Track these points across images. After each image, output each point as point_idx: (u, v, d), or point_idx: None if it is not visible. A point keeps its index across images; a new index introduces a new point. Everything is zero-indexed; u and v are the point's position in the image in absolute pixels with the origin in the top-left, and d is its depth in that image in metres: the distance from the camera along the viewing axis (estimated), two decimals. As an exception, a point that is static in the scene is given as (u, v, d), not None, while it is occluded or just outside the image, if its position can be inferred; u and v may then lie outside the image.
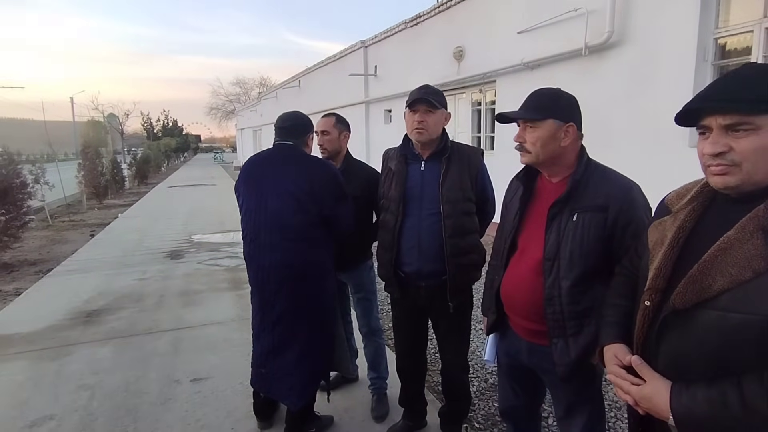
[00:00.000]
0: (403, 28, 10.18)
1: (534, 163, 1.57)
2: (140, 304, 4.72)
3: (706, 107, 0.97)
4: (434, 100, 2.05)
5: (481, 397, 2.98)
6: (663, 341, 1.02)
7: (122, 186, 17.06)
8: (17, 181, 7.13)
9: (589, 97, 5.62)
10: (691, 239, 1.06)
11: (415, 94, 2.07)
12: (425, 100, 2.04)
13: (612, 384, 1.15)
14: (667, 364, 1.01)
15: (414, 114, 2.07)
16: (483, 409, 2.86)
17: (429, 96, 2.05)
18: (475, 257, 2.16)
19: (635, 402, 1.05)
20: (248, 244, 2.31)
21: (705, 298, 0.94)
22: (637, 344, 1.10)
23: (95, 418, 2.73)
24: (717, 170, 0.96)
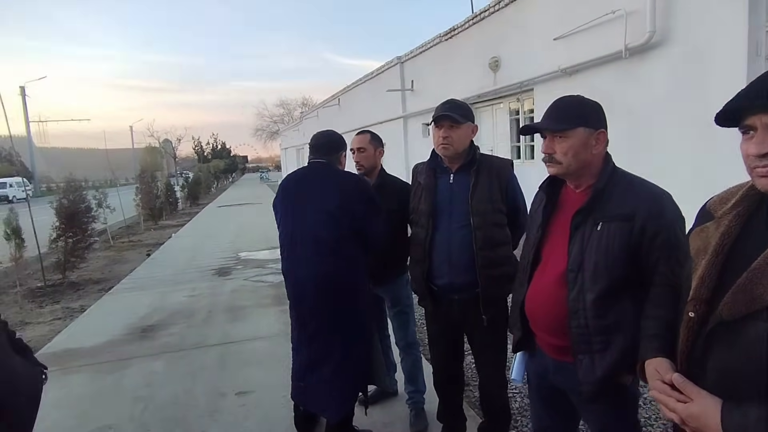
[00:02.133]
0: (437, 42, 10.25)
1: (563, 174, 1.53)
2: (190, 320, 4.95)
3: (749, 106, 0.92)
4: (457, 115, 2.07)
5: (524, 413, 2.90)
6: (710, 355, 0.97)
7: (176, 207, 18.00)
8: (83, 206, 7.71)
9: (629, 100, 5.43)
10: (736, 246, 1.00)
11: (439, 110, 2.10)
12: (448, 116, 2.06)
13: (654, 401, 1.09)
14: (716, 380, 0.96)
15: (439, 129, 2.10)
16: (526, 426, 2.78)
17: (452, 111, 2.08)
18: (507, 269, 2.13)
19: (682, 420, 0.99)
20: (285, 260, 2.40)
21: (755, 308, 0.88)
22: (682, 358, 1.05)
23: (148, 428, 2.88)
24: (764, 171, 0.90)
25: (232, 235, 10.86)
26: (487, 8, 8.34)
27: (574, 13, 6.22)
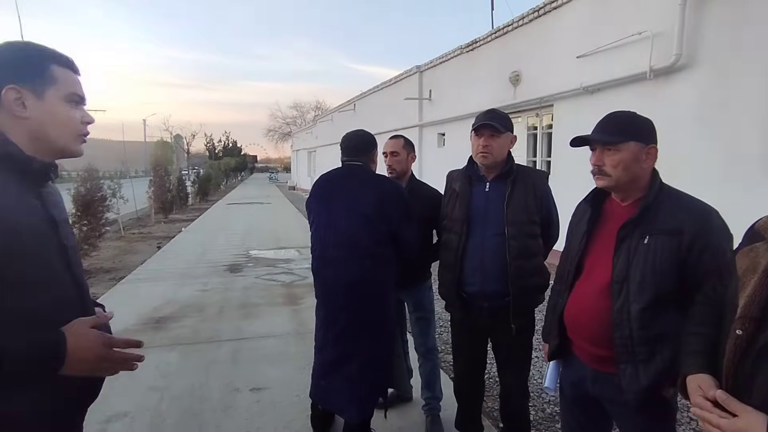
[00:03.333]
0: (459, 53, 10.32)
1: (611, 187, 1.55)
2: (203, 314, 4.97)
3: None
4: (499, 125, 2.10)
5: (538, 427, 2.89)
6: (759, 373, 0.98)
7: (186, 202, 18.11)
8: (98, 195, 7.79)
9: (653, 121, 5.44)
10: None
11: (481, 119, 2.12)
12: (490, 125, 2.09)
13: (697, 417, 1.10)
14: (764, 398, 0.96)
15: (479, 138, 2.12)
16: (543, 438, 2.77)
17: (494, 121, 2.10)
18: (538, 280, 2.15)
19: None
20: (316, 259, 2.41)
21: None
22: (728, 375, 1.05)
23: (164, 419, 2.90)
24: None
25: (242, 233, 10.91)
26: (510, 23, 8.41)
27: (600, 32, 6.26)
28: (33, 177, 1.08)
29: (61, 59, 1.12)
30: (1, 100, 1.03)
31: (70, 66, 1.14)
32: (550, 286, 2.00)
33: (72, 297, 1.11)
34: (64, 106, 1.09)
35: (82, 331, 1.01)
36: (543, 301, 2.21)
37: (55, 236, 1.10)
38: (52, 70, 1.08)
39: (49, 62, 1.08)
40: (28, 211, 1.03)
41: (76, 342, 0.98)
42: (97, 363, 1.02)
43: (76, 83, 1.14)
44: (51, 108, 1.07)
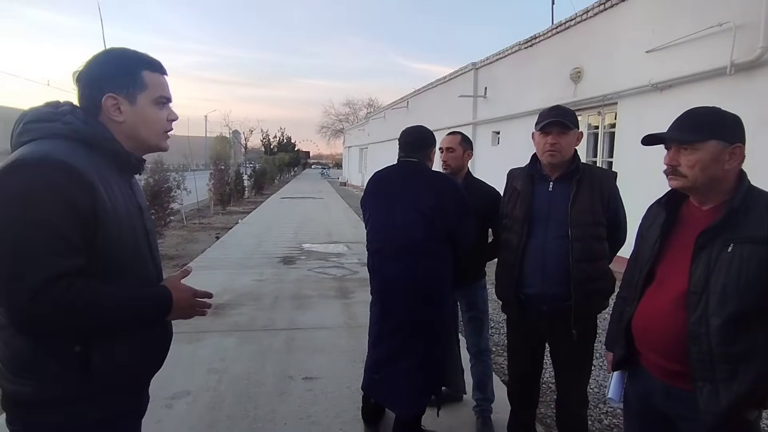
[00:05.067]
0: (516, 49, 10.06)
1: (688, 189, 1.45)
2: (258, 302, 5.16)
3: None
4: (568, 122, 2.02)
5: (595, 437, 2.79)
6: None
7: (243, 195, 18.83)
8: (165, 186, 8.27)
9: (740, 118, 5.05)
10: None
11: (547, 116, 2.04)
12: (559, 122, 2.01)
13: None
14: None
15: (546, 136, 2.04)
16: (597, 450, 2.66)
17: (563, 118, 2.02)
18: (603, 284, 2.05)
19: None
20: (372, 256, 2.43)
21: None
22: None
23: (223, 399, 3.04)
24: None
25: (296, 227, 11.21)
26: (573, 17, 8.09)
27: (674, 24, 5.89)
28: (129, 170, 1.25)
29: (152, 64, 1.23)
30: (101, 107, 1.16)
31: (159, 69, 1.25)
32: (615, 292, 1.91)
33: (153, 277, 1.28)
34: (153, 109, 1.22)
35: (177, 284, 1.23)
36: (607, 307, 2.11)
37: (141, 221, 1.25)
38: (144, 76, 1.20)
39: (141, 69, 1.20)
40: (126, 199, 1.19)
41: (175, 293, 1.20)
42: (188, 309, 1.24)
43: (164, 85, 1.25)
44: (142, 112, 1.20)
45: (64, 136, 1.10)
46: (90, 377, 1.08)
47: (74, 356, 1.06)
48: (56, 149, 1.06)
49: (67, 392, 1.08)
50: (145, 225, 1.27)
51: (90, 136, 1.13)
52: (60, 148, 1.06)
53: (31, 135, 1.10)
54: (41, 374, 1.06)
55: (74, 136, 1.11)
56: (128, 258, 1.16)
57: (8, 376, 1.07)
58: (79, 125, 1.12)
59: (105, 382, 1.12)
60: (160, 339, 1.30)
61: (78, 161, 1.06)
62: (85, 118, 1.15)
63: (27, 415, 1.09)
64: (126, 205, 1.17)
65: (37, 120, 1.12)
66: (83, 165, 1.06)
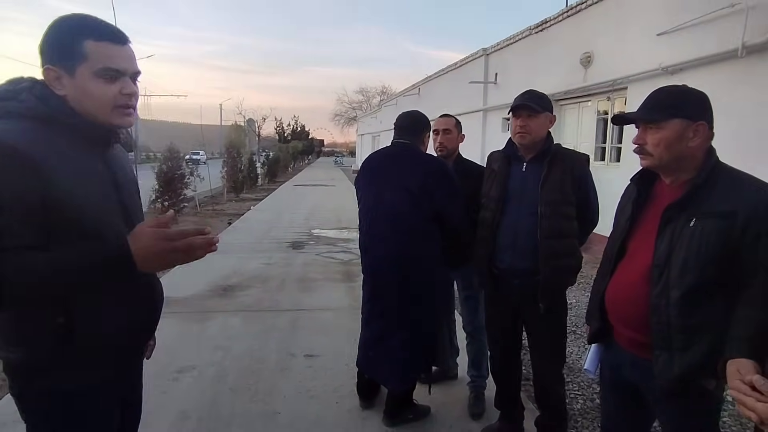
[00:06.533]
0: (527, 34, 9.93)
1: (655, 167, 1.49)
2: (265, 285, 5.31)
3: None
4: (536, 105, 2.11)
5: (585, 416, 2.85)
6: None
7: (255, 182, 19.05)
8: (178, 173, 8.46)
9: (741, 103, 4.96)
10: None
11: (518, 100, 2.15)
12: (526, 106, 2.10)
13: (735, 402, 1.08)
14: None
15: (517, 119, 2.14)
16: (586, 427, 2.73)
17: (531, 101, 2.11)
18: (570, 261, 2.14)
19: (761, 420, 0.99)
20: (363, 235, 2.52)
21: None
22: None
23: (227, 373, 3.18)
24: None
25: (307, 213, 11.35)
26: (584, 0, 7.95)
27: (685, 6, 5.77)
28: (95, 142, 1.18)
29: (99, 33, 1.12)
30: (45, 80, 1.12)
31: (109, 37, 1.13)
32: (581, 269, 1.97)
33: None
34: (94, 81, 1.11)
35: (140, 232, 1.07)
36: (574, 282, 2.23)
37: (116, 195, 1.21)
38: (84, 46, 1.09)
39: (81, 39, 1.09)
40: (93, 172, 1.15)
41: (137, 243, 1.05)
42: (165, 255, 1.06)
43: (112, 56, 1.13)
44: (81, 83, 1.11)
45: (19, 115, 1.08)
46: (74, 344, 1.11)
47: (57, 326, 1.09)
48: (7, 129, 1.04)
49: (53, 359, 1.11)
50: (123, 201, 1.22)
51: (45, 112, 1.09)
52: (10, 129, 1.04)
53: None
54: (28, 342, 1.11)
55: (28, 113, 1.08)
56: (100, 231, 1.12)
57: (2, 344, 1.13)
58: (33, 102, 1.09)
59: (89, 348, 1.13)
60: (147, 303, 1.30)
61: (27, 142, 1.03)
62: (42, 93, 1.11)
63: (21, 381, 1.15)
64: (93, 181, 1.14)
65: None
66: (32, 146, 1.03)
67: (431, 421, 2.68)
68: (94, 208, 1.12)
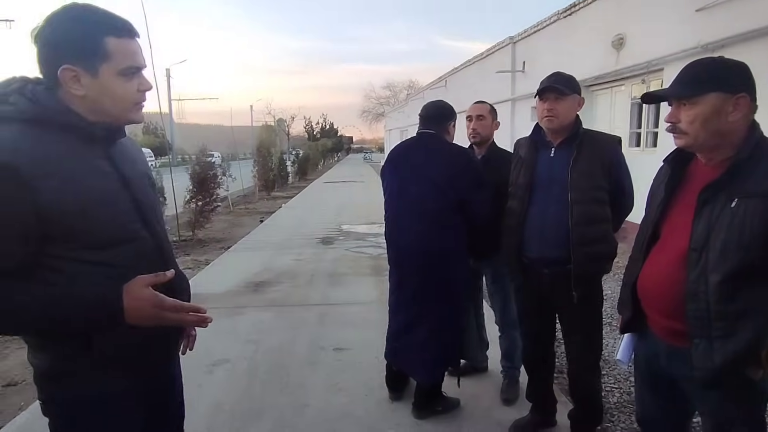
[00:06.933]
0: (555, 20, 9.66)
1: (691, 146, 1.39)
2: (295, 280, 5.38)
3: None
4: (564, 87, 2.02)
5: (622, 410, 2.76)
6: None
7: (286, 181, 19.36)
8: (211, 173, 8.66)
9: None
10: None
11: (545, 83, 2.07)
12: (554, 88, 2.02)
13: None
14: None
15: (543, 102, 2.06)
16: (623, 422, 2.64)
17: (558, 83, 2.03)
18: (603, 247, 2.05)
19: None
20: (389, 226, 2.51)
21: None
22: None
23: (258, 367, 3.25)
24: None
25: (336, 209, 11.44)
26: (615, -21, 7.65)
27: (724, -21, 5.46)
28: (99, 141, 1.12)
29: (118, 29, 1.08)
30: (59, 80, 1.05)
31: (128, 33, 1.09)
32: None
33: (150, 248, 1.18)
34: (118, 80, 1.08)
35: (136, 291, 1.04)
36: (609, 270, 2.13)
37: (127, 192, 1.15)
38: (106, 43, 1.05)
39: (103, 36, 1.05)
40: (95, 173, 1.09)
41: (130, 301, 1.03)
42: (155, 320, 1.06)
43: (133, 53, 1.10)
44: (105, 83, 1.07)
45: (10, 119, 1.02)
46: (93, 352, 1.10)
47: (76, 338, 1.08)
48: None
49: (75, 366, 1.11)
50: (134, 195, 1.16)
51: (37, 115, 1.03)
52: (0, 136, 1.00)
53: None
54: (51, 351, 1.12)
55: (20, 117, 1.02)
56: (107, 236, 1.09)
57: (32, 352, 1.15)
58: (24, 105, 1.03)
59: (109, 356, 1.12)
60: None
61: (14, 150, 0.98)
62: (34, 94, 1.05)
63: (46, 387, 1.16)
64: (96, 180, 1.09)
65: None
66: (20, 152, 0.98)
67: (461, 413, 2.65)
68: (101, 211, 1.07)
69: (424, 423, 2.55)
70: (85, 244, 1.06)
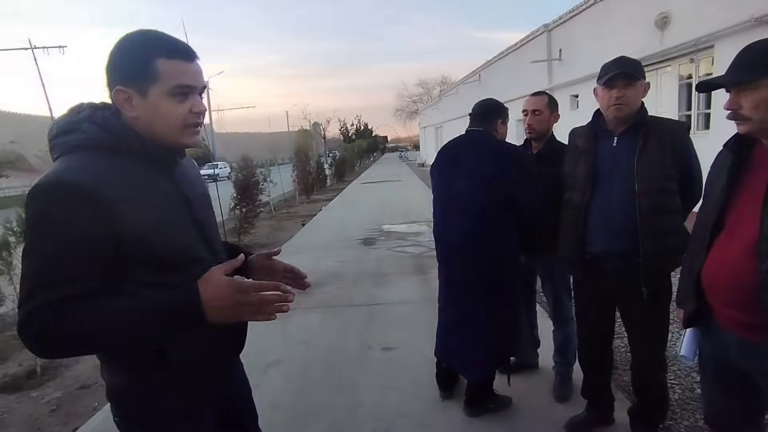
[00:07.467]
0: (591, 3, 9.33)
1: (756, 132, 1.34)
2: (340, 282, 5.47)
3: None
4: (633, 72, 1.92)
5: (685, 407, 2.65)
6: None
7: (325, 183, 19.67)
8: (253, 180, 8.94)
9: None
10: None
11: (612, 68, 1.94)
12: (625, 74, 1.91)
13: None
14: None
15: (611, 90, 1.95)
16: (686, 419, 2.54)
17: (628, 68, 1.92)
18: (674, 240, 1.94)
19: None
20: (437, 224, 2.52)
21: None
22: None
23: (311, 367, 3.34)
24: None
25: (375, 210, 11.53)
26: (656, -44, 7.31)
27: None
28: (161, 163, 1.14)
29: (170, 50, 1.07)
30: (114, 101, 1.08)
31: (181, 55, 1.09)
32: None
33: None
34: (167, 102, 1.07)
35: (214, 279, 1.02)
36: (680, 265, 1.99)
37: (189, 213, 1.17)
38: (156, 65, 1.05)
39: (153, 57, 1.05)
40: (161, 195, 1.12)
41: (209, 291, 1.00)
42: (236, 308, 1.02)
43: (185, 73, 1.09)
44: (154, 104, 1.07)
45: (84, 147, 1.05)
46: (168, 370, 1.12)
47: (151, 352, 1.09)
48: (71, 167, 1.02)
49: (150, 383, 1.14)
50: (195, 216, 1.18)
51: (109, 141, 1.06)
52: (76, 164, 1.02)
53: (57, 151, 1.07)
54: (127, 368, 1.13)
55: (93, 144, 1.05)
56: (174, 257, 1.10)
57: (107, 369, 1.17)
58: (94, 132, 1.06)
59: (184, 372, 1.15)
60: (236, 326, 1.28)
61: (93, 176, 1.00)
62: (103, 120, 1.07)
63: (123, 405, 1.18)
64: (164, 203, 1.11)
65: (59, 134, 1.08)
66: (100, 181, 1.00)
67: (513, 410, 2.63)
68: (169, 234, 1.09)
69: (476, 421, 2.55)
70: (158, 267, 1.07)
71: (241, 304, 1.02)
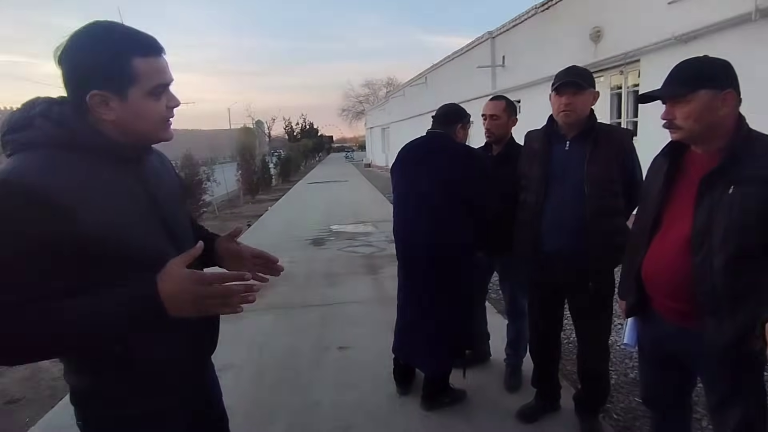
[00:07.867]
0: (533, 14, 9.82)
1: (687, 139, 1.50)
2: (292, 282, 5.39)
3: None
4: (582, 81, 2.06)
5: (620, 390, 2.88)
6: None
7: (270, 183, 19.23)
8: (196, 179, 8.61)
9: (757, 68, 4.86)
10: None
11: (562, 77, 2.08)
12: (573, 82, 2.05)
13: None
14: None
15: (561, 96, 2.08)
16: (622, 402, 2.76)
17: (576, 77, 2.06)
18: (619, 239, 2.09)
19: None
20: (397, 223, 2.57)
21: None
22: None
23: (265, 370, 3.28)
24: None
25: (323, 210, 11.44)
26: (590, -26, 7.83)
27: (695, -28, 5.66)
28: (128, 162, 1.10)
29: (145, 48, 1.04)
30: (87, 104, 1.01)
31: (154, 51, 1.06)
32: None
33: None
34: (147, 102, 1.05)
35: (172, 272, 0.97)
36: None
37: (155, 212, 1.12)
38: (133, 65, 1.01)
39: (128, 57, 1.01)
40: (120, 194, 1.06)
41: (167, 284, 0.96)
42: (199, 301, 0.98)
43: (160, 71, 1.07)
44: (135, 105, 1.04)
45: (37, 144, 1.00)
46: (134, 371, 1.09)
47: (115, 356, 1.05)
48: (20, 166, 0.96)
49: (116, 386, 1.10)
50: (163, 215, 1.14)
51: (62, 138, 1.00)
52: (26, 163, 0.97)
53: (8, 149, 1.01)
54: (91, 370, 1.09)
55: (48, 142, 1.00)
56: (141, 256, 1.05)
57: (70, 373, 1.13)
58: (49, 129, 1.00)
59: (150, 374, 1.11)
60: (205, 328, 1.24)
61: (43, 175, 0.95)
62: (59, 116, 1.02)
63: (86, 408, 1.14)
64: (128, 202, 1.07)
65: (11, 130, 1.02)
66: (49, 181, 0.95)
67: (468, 403, 2.73)
68: (133, 233, 1.04)
69: (433, 415, 2.63)
70: (124, 267, 1.02)
71: (203, 296, 0.98)
